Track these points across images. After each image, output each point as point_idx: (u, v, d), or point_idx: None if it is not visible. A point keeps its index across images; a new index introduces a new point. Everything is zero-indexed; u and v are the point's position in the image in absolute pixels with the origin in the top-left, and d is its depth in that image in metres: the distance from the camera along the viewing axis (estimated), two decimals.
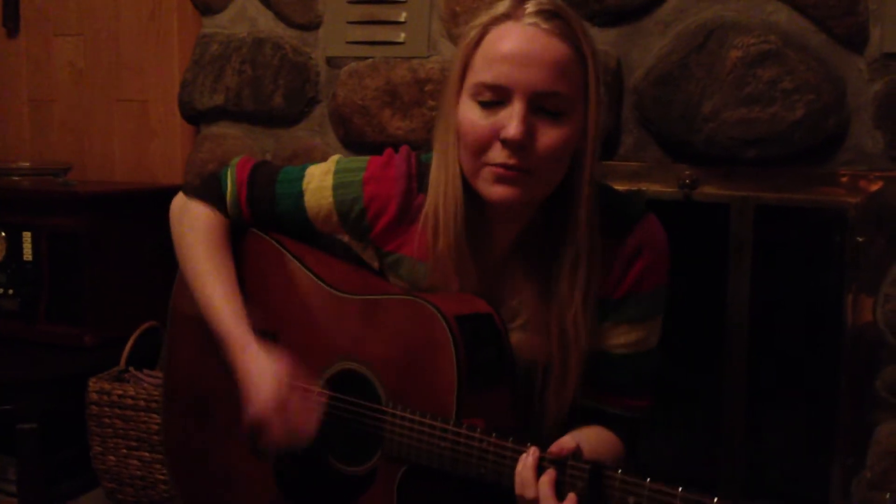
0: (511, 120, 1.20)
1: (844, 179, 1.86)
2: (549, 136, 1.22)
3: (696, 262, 1.98)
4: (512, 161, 1.21)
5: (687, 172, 1.96)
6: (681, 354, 1.88)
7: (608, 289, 1.33)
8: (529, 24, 1.22)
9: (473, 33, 1.26)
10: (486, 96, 1.23)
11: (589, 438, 1.29)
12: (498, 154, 1.22)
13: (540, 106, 1.22)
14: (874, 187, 1.84)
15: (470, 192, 1.30)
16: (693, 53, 1.90)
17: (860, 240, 1.85)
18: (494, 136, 1.22)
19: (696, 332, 2.01)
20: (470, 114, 1.25)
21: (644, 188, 1.97)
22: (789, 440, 2.10)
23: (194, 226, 1.47)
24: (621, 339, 1.35)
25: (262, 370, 1.33)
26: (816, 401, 2.00)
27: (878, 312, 1.85)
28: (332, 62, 2.26)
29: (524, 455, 1.14)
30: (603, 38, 2.00)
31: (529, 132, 1.21)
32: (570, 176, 1.28)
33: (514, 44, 1.21)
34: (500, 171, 1.22)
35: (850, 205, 1.85)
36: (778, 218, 1.93)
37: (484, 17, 1.26)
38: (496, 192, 1.24)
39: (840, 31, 1.83)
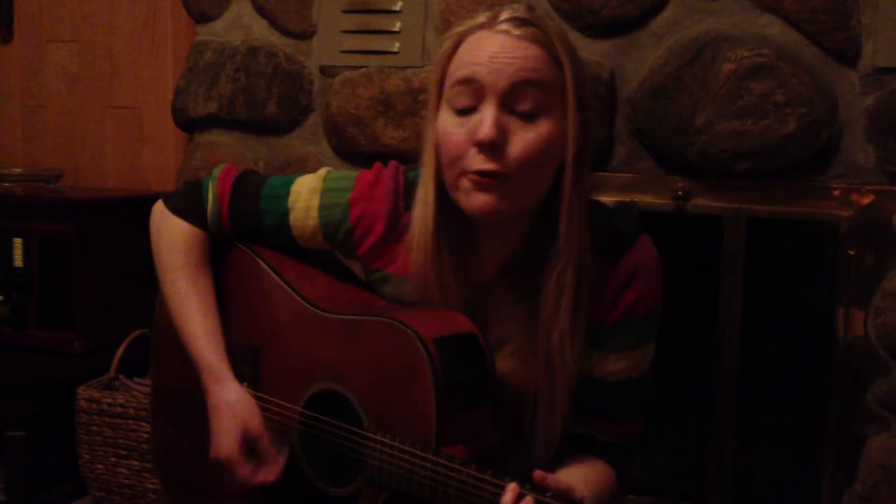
0: (482, 122, 1.19)
1: (836, 193, 1.86)
2: (523, 137, 1.20)
3: (688, 274, 1.97)
4: (487, 166, 1.19)
5: (680, 184, 1.96)
6: (672, 366, 1.87)
7: (600, 315, 1.30)
8: (501, 31, 1.22)
9: (448, 44, 1.26)
10: (461, 100, 1.22)
11: (587, 476, 1.27)
12: (473, 160, 1.20)
13: (513, 106, 1.20)
14: (866, 201, 1.84)
15: (456, 212, 1.28)
16: (686, 66, 1.91)
17: (852, 253, 1.85)
18: (469, 142, 1.21)
19: (687, 343, 2.01)
20: (446, 123, 1.24)
21: (637, 200, 1.98)
22: (780, 453, 2.09)
23: (174, 244, 1.44)
24: (613, 366, 1.33)
25: (232, 409, 1.35)
26: (807, 414, 2.00)
27: (869, 326, 1.85)
28: (325, 71, 2.26)
29: (503, 495, 1.10)
30: (597, 50, 2.00)
31: (503, 133, 1.19)
32: (557, 192, 1.25)
33: (488, 46, 1.21)
34: (477, 178, 1.20)
35: (842, 218, 1.86)
36: (770, 231, 1.93)
37: (459, 28, 1.26)
38: (475, 201, 1.21)
39: (832, 45, 1.84)
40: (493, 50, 1.21)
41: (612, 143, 2.01)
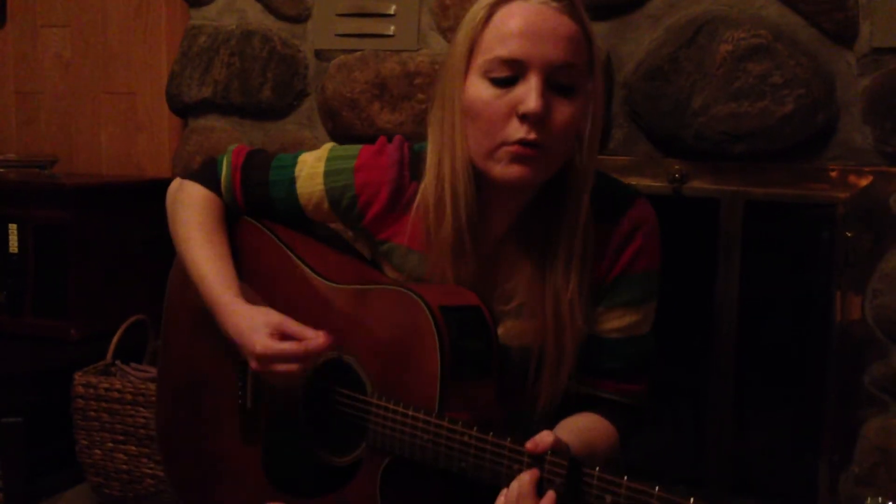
0: (529, 94, 1.20)
1: (834, 174, 1.86)
2: (562, 111, 1.22)
3: (685, 256, 1.97)
4: (531, 136, 1.20)
5: (677, 167, 1.95)
6: (669, 350, 1.87)
7: (601, 273, 1.33)
8: (540, 3, 1.22)
9: (481, 14, 1.25)
10: (501, 72, 1.22)
11: (580, 428, 1.29)
12: (516, 130, 1.21)
13: (553, 81, 1.22)
14: (863, 182, 1.84)
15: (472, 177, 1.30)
16: (683, 48, 1.90)
17: (849, 235, 1.85)
18: (510, 112, 1.21)
19: (684, 327, 2.01)
20: (483, 93, 1.23)
21: (634, 182, 1.97)
22: (777, 436, 2.10)
23: (189, 202, 1.46)
24: (614, 323, 1.35)
25: (252, 318, 1.32)
26: (804, 397, 2.01)
27: (866, 307, 1.85)
28: (321, 55, 2.25)
29: (520, 477, 1.12)
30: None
31: (548, 107, 1.21)
32: (570, 159, 1.28)
33: (527, 20, 1.21)
34: (518, 149, 1.21)
35: (840, 200, 1.85)
36: (767, 213, 1.93)
37: None
38: (512, 171, 1.23)
39: (830, 26, 1.83)
40: (535, 24, 1.21)
41: (608, 125, 2.00)
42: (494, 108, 1.22)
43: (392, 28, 2.17)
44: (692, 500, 1.01)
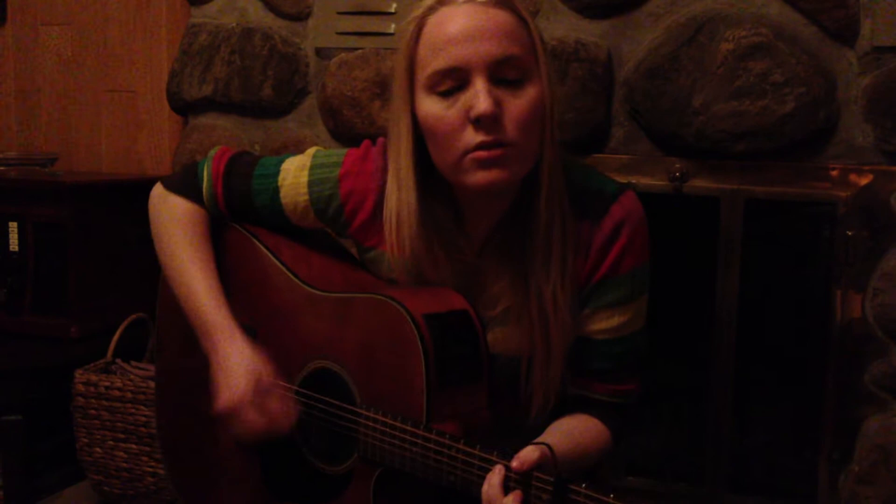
0: (476, 97, 1.18)
1: (834, 173, 1.86)
2: (515, 104, 1.20)
3: (685, 255, 1.97)
4: (489, 138, 1.18)
5: (677, 165, 1.95)
6: (669, 348, 1.87)
7: (587, 273, 1.31)
8: (464, 3, 1.21)
9: (411, 28, 1.24)
10: (445, 85, 1.21)
11: (570, 431, 1.29)
12: (473, 137, 1.19)
13: (499, 78, 1.20)
14: (864, 181, 1.84)
15: (439, 193, 1.29)
16: (683, 46, 1.90)
17: (850, 234, 1.85)
18: (464, 120, 1.19)
19: (684, 325, 2.01)
20: (433, 108, 1.22)
21: (634, 181, 1.97)
22: (777, 435, 2.10)
23: (173, 217, 1.46)
24: (602, 324, 1.33)
25: (243, 358, 1.33)
26: (805, 395, 2.00)
27: (866, 306, 1.85)
28: (321, 53, 2.25)
29: (490, 474, 1.11)
30: (593, 30, 1.99)
31: (498, 105, 1.18)
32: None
33: (457, 24, 1.20)
34: (482, 154, 1.19)
35: (840, 199, 1.85)
36: (768, 211, 1.93)
37: (416, 12, 1.24)
38: (482, 178, 1.21)
39: (831, 24, 1.83)
40: (466, 27, 1.19)
41: (609, 124, 2.00)
42: (448, 121, 1.21)
43: (393, 26, 2.17)
44: None
